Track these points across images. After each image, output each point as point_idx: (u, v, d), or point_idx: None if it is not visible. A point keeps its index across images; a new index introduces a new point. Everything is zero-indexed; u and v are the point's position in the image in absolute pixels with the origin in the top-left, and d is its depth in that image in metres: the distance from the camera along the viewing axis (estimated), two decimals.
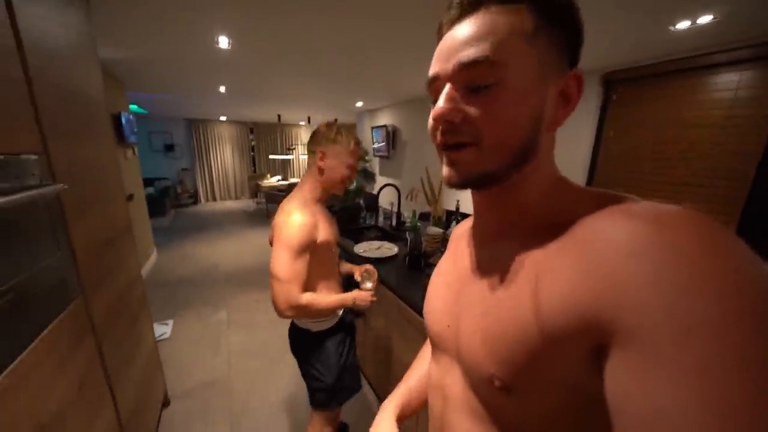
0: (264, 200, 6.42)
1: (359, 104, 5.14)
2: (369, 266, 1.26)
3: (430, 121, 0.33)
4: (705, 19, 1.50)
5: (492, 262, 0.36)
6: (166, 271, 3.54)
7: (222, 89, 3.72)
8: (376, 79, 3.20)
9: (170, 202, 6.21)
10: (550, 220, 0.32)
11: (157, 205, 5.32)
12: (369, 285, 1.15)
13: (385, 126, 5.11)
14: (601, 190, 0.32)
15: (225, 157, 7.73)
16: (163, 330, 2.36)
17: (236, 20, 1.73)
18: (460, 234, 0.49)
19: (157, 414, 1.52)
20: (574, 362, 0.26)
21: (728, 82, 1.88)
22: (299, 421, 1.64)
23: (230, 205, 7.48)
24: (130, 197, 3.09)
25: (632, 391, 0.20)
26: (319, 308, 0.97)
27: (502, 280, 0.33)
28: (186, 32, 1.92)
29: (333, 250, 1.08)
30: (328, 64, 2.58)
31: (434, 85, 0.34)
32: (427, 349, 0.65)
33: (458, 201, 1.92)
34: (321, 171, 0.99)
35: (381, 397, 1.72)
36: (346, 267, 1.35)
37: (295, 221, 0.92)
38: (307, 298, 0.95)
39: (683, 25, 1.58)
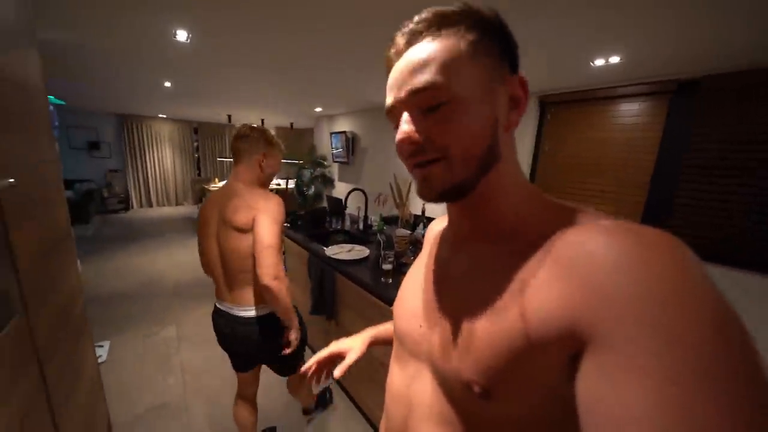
0: None
1: (318, 109, 5.08)
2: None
3: (397, 145, 0.35)
4: (614, 59, 1.91)
5: (473, 269, 0.37)
6: (95, 285, 3.07)
7: (167, 84, 3.40)
8: (335, 86, 3.21)
9: (95, 207, 5.41)
10: (526, 231, 0.33)
11: (78, 211, 4.59)
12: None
13: (344, 132, 5.12)
14: (572, 204, 0.34)
15: (164, 158, 6.98)
16: (98, 353, 2.04)
17: (201, 14, 1.63)
18: (435, 235, 0.50)
19: None
20: (554, 368, 0.27)
21: (630, 110, 2.33)
22: None
23: (169, 211, 6.73)
24: None
25: (605, 393, 0.21)
26: (285, 295, 1.04)
27: (487, 288, 0.33)
28: (143, 21, 1.75)
29: None
30: (288, 68, 2.54)
31: (392, 113, 0.37)
32: None
33: (424, 205, 2.03)
34: (262, 168, 1.13)
35: (358, 404, 1.72)
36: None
37: (278, 200, 1.07)
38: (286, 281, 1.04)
39: (600, 62, 1.98)
